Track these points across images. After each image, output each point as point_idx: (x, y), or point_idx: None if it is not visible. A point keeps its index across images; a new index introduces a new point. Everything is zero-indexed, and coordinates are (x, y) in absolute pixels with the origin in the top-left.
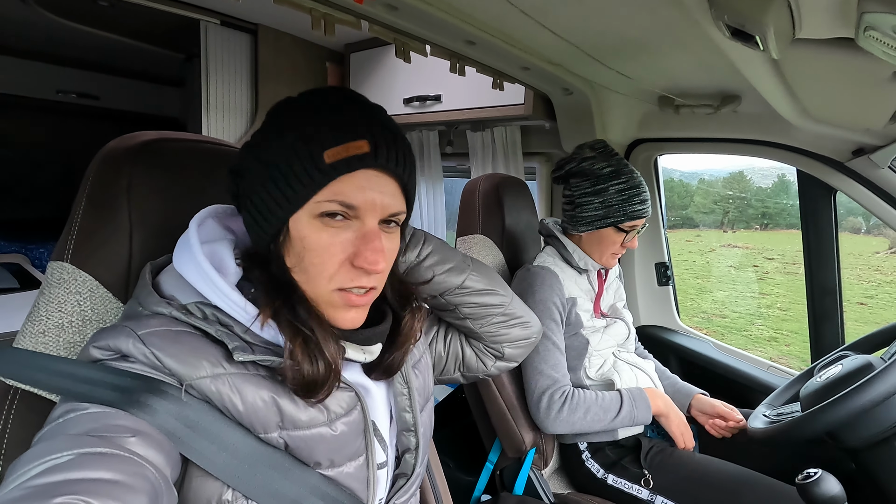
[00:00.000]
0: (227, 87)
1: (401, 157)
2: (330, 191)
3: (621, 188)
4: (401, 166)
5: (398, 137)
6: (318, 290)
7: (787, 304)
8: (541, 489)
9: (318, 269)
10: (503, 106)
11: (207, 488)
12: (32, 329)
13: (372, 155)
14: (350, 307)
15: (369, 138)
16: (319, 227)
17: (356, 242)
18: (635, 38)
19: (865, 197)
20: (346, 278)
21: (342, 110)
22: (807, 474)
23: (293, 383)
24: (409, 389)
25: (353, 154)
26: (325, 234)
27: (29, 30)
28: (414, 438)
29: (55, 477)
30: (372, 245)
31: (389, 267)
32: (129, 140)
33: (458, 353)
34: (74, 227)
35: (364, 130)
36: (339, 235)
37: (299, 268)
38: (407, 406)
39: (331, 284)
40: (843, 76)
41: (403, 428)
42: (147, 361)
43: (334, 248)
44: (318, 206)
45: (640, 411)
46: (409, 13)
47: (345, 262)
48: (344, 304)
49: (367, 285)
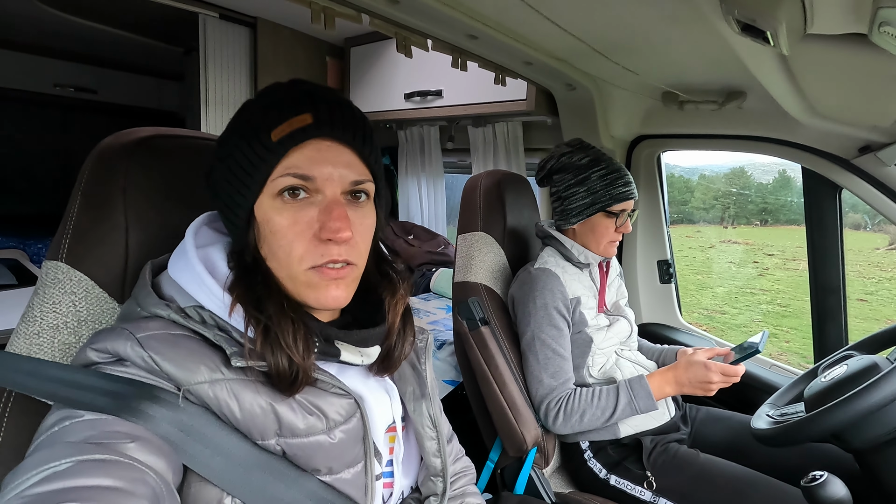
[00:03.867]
0: (225, 81)
1: (349, 126)
2: (282, 167)
3: (603, 174)
4: (349, 133)
5: (345, 108)
6: (292, 273)
7: (786, 301)
8: (542, 488)
9: (285, 250)
10: (505, 101)
11: (207, 494)
12: (27, 330)
13: (315, 125)
14: (329, 283)
15: (311, 110)
16: (280, 207)
17: (320, 217)
18: (642, 32)
19: (871, 195)
20: (317, 254)
21: (286, 93)
22: (812, 477)
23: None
24: (438, 434)
25: (297, 127)
26: (286, 214)
27: (26, 23)
28: (441, 483)
29: (55, 485)
30: (335, 213)
31: (366, 243)
32: (124, 137)
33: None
34: (69, 226)
35: (306, 105)
36: (301, 213)
37: (270, 252)
38: (435, 451)
39: (302, 264)
40: (853, 73)
41: (432, 473)
42: (144, 365)
43: (299, 227)
44: (275, 185)
45: (640, 401)
46: (410, 7)
47: (312, 239)
48: (321, 280)
49: (339, 258)
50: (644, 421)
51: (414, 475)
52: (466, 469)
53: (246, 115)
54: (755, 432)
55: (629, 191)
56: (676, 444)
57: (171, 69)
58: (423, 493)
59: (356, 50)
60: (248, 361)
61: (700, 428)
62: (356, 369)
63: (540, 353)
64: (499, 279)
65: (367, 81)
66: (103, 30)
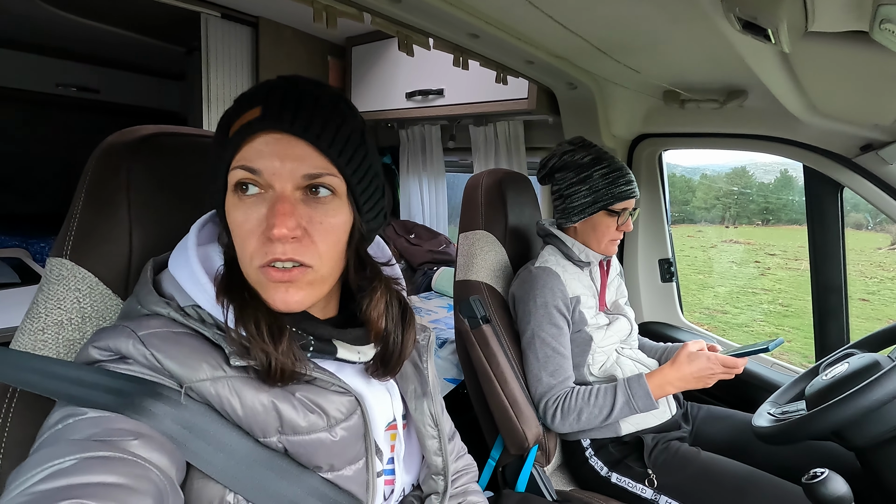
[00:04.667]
0: (227, 81)
1: (303, 117)
2: (235, 161)
3: (605, 172)
4: (300, 126)
5: (306, 101)
6: (247, 270)
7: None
8: (543, 486)
9: (241, 247)
10: (506, 100)
11: (209, 491)
12: (31, 326)
13: (261, 118)
14: (277, 285)
15: (262, 103)
16: (237, 203)
17: (268, 214)
18: (644, 31)
19: (873, 193)
20: (262, 253)
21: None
22: (813, 474)
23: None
24: (440, 433)
25: (247, 120)
26: (240, 210)
27: (28, 22)
28: (443, 482)
29: (59, 482)
30: (280, 209)
31: (327, 242)
32: (128, 134)
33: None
34: (73, 223)
35: (259, 97)
36: (252, 209)
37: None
38: (437, 450)
39: (253, 262)
40: (854, 71)
41: (433, 472)
42: (146, 363)
43: (250, 224)
44: (231, 179)
45: (639, 400)
46: (412, 5)
47: (261, 237)
48: (269, 281)
49: (283, 257)
50: (645, 419)
51: (415, 472)
52: (468, 467)
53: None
54: (756, 430)
55: (631, 189)
56: (678, 442)
57: (173, 69)
58: (424, 491)
59: (357, 49)
60: (245, 360)
61: (701, 426)
62: (357, 367)
63: (540, 351)
64: (500, 277)
65: (368, 81)
66: (105, 29)
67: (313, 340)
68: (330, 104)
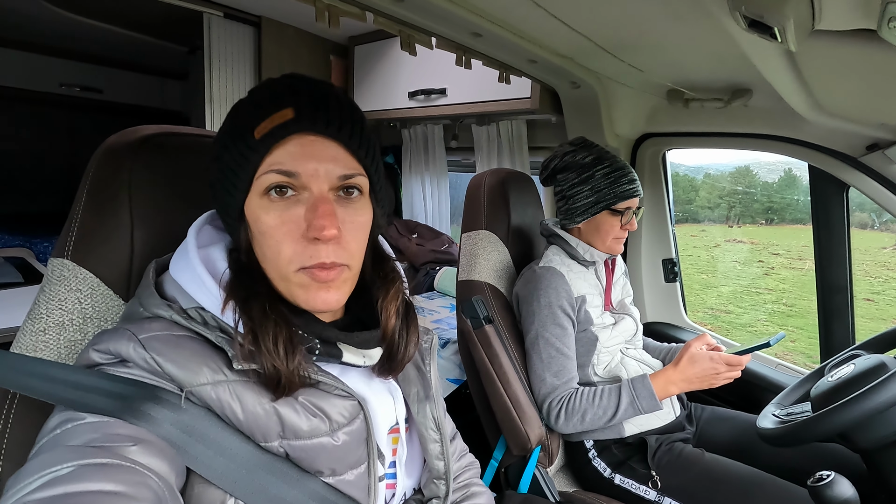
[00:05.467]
0: (230, 80)
1: (334, 118)
2: (265, 164)
3: (607, 172)
4: (334, 126)
5: (332, 101)
6: (283, 274)
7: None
8: (546, 487)
9: (274, 250)
10: (509, 100)
11: (209, 496)
12: (32, 327)
13: (295, 119)
14: (320, 285)
15: (293, 104)
16: (267, 206)
17: (307, 215)
18: (647, 29)
19: (879, 193)
20: (306, 256)
21: (270, 88)
22: (819, 476)
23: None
24: (442, 436)
25: (278, 123)
26: (273, 213)
27: (31, 22)
28: (444, 486)
29: (56, 490)
30: (319, 210)
31: (358, 241)
32: (129, 134)
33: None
34: (75, 224)
35: (288, 99)
36: (288, 212)
37: (261, 254)
38: (439, 453)
39: (292, 265)
40: (861, 69)
41: (435, 476)
42: (147, 367)
43: (287, 226)
44: (261, 183)
45: (643, 401)
46: (415, 4)
47: (300, 240)
48: (312, 281)
49: (328, 259)
50: (649, 420)
51: (417, 476)
52: (471, 464)
53: (234, 114)
54: (761, 432)
55: (634, 188)
56: (681, 444)
57: (175, 68)
58: (425, 495)
59: (360, 49)
60: (246, 364)
61: (705, 427)
62: (359, 370)
63: (543, 351)
64: (503, 278)
65: (371, 80)
66: (109, 29)
67: (319, 344)
68: (349, 104)
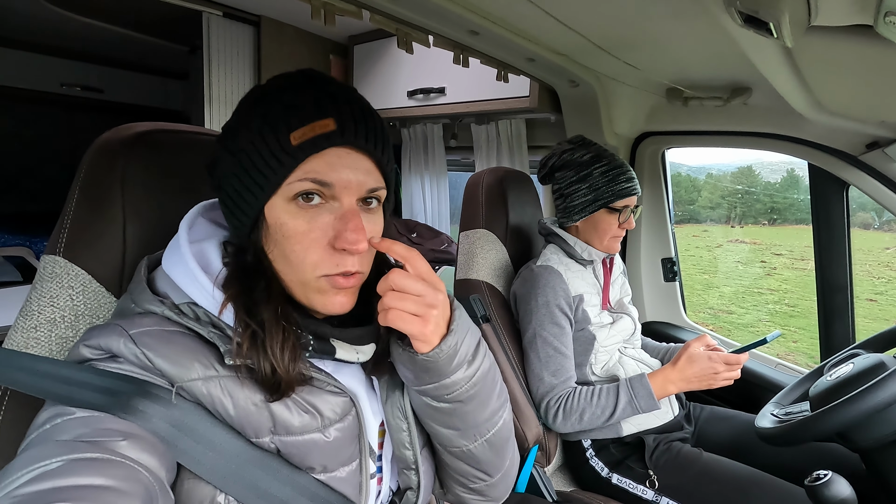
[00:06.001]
0: (229, 80)
1: (371, 133)
2: (300, 171)
3: (605, 170)
4: (371, 142)
5: (367, 114)
6: (303, 278)
7: (794, 300)
8: (543, 487)
9: (299, 256)
10: (508, 98)
11: (200, 491)
12: (24, 324)
13: (339, 132)
14: (338, 290)
15: (335, 116)
16: (296, 212)
17: (335, 224)
18: (644, 27)
19: (879, 192)
20: (331, 264)
21: (306, 91)
22: (816, 476)
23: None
24: (409, 425)
25: (319, 133)
26: (302, 219)
27: (32, 22)
28: (415, 476)
29: (45, 484)
30: (352, 224)
31: (373, 250)
32: (123, 131)
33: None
34: (67, 221)
35: (329, 108)
36: (317, 219)
37: (280, 256)
38: (406, 443)
39: (316, 271)
40: (859, 66)
41: (404, 466)
42: (137, 362)
43: (314, 234)
44: (291, 189)
45: (641, 400)
46: (411, 2)
47: (327, 247)
48: (331, 287)
49: (352, 269)
50: (647, 419)
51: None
52: None
53: (261, 109)
54: (759, 431)
55: (632, 186)
56: (679, 443)
57: (175, 68)
58: (400, 486)
59: (360, 48)
60: (240, 360)
61: (704, 427)
62: (351, 368)
63: (541, 350)
64: (501, 276)
65: (370, 79)
66: (109, 29)
67: (313, 341)
68: (378, 116)
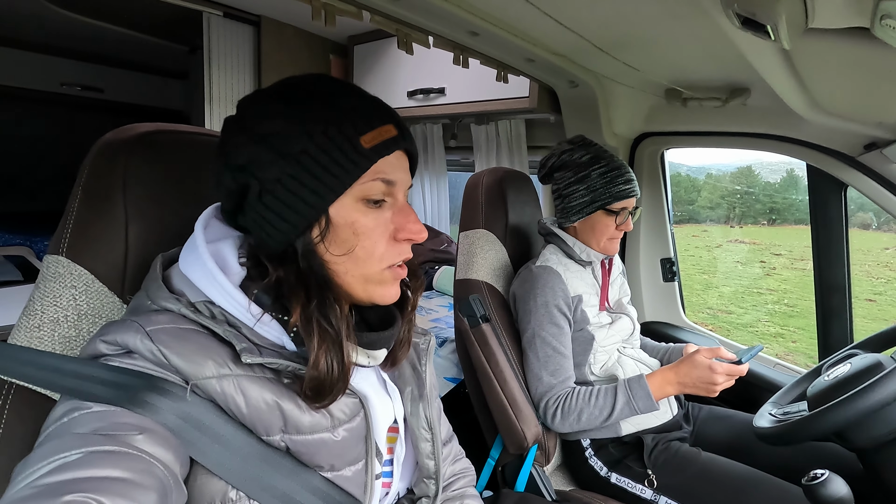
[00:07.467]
0: (230, 80)
1: (411, 138)
2: (371, 172)
3: (603, 171)
4: (414, 146)
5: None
6: (370, 272)
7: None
8: (542, 486)
9: (368, 251)
10: (507, 99)
11: (212, 486)
12: (27, 323)
13: (400, 136)
14: (395, 280)
15: (394, 122)
16: (365, 210)
17: (395, 218)
18: (643, 28)
19: (877, 192)
20: (394, 253)
21: (359, 96)
22: (813, 475)
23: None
24: (433, 436)
25: (387, 137)
26: (370, 216)
27: (32, 22)
28: (434, 486)
29: (64, 475)
30: (412, 217)
31: None
32: (125, 131)
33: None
34: (70, 221)
35: (388, 115)
36: (382, 215)
37: (347, 256)
38: (430, 453)
39: (381, 263)
40: (856, 68)
41: (425, 475)
42: (153, 358)
43: (380, 229)
44: (364, 188)
45: (639, 401)
46: (411, 3)
47: (390, 240)
48: (392, 278)
49: (409, 256)
50: (646, 419)
51: (410, 476)
52: (466, 470)
53: (320, 114)
54: (757, 431)
55: (630, 189)
56: (678, 443)
57: (176, 68)
58: (416, 493)
59: (359, 48)
60: (257, 359)
61: (702, 426)
62: (363, 369)
63: (540, 350)
64: (500, 276)
65: (370, 80)
66: (109, 29)
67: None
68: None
